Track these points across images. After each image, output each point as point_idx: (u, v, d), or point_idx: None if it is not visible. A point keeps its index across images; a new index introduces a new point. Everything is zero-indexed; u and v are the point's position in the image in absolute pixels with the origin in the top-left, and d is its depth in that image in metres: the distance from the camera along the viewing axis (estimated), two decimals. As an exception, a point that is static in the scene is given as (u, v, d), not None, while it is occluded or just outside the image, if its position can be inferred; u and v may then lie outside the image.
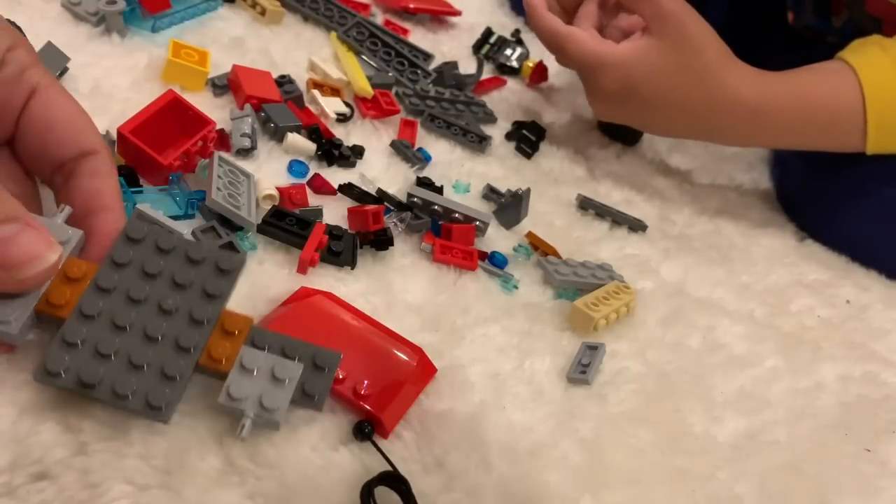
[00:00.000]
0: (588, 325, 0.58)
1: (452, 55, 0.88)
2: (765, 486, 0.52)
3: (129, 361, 0.41)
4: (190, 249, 0.46)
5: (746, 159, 0.93)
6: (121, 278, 0.44)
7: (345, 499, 0.43)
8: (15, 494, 0.38)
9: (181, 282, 0.44)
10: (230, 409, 0.42)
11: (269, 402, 0.42)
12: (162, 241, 0.45)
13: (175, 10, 0.73)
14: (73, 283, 0.43)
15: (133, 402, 0.40)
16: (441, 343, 0.54)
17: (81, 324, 0.42)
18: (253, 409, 0.42)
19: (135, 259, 0.45)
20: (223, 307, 0.45)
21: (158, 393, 0.41)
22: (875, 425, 0.60)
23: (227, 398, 0.42)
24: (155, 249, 0.45)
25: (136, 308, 0.43)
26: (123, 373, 0.41)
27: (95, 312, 0.42)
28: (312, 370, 0.45)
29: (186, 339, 0.43)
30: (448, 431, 0.49)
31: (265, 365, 0.43)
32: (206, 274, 0.45)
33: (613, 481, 0.49)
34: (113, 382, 0.40)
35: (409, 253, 0.61)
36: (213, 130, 0.59)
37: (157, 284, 0.44)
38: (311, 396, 0.44)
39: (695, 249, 0.74)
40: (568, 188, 0.76)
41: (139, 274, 0.44)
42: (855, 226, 0.79)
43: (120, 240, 0.45)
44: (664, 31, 0.71)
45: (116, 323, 0.42)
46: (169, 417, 0.41)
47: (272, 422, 0.42)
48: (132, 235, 0.45)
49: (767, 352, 0.63)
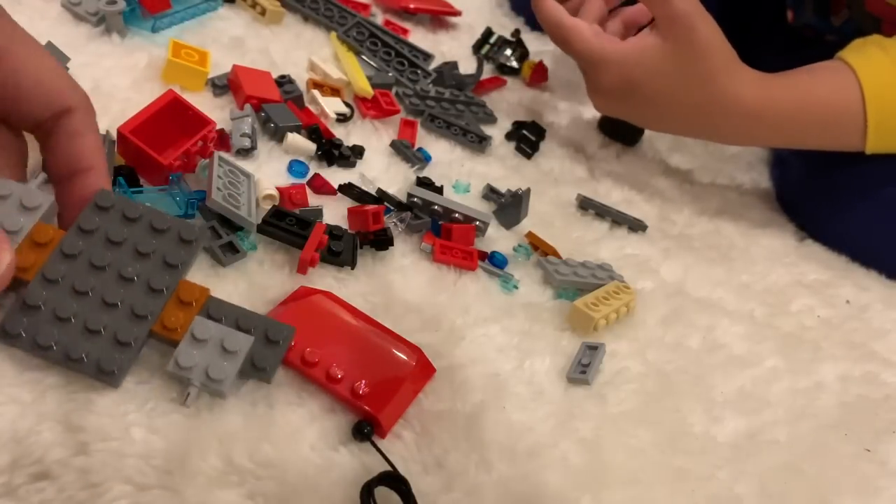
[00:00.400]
0: (588, 325, 0.58)
1: (452, 55, 0.88)
2: (765, 486, 0.52)
3: (84, 326, 0.43)
4: (154, 219, 0.47)
5: (746, 159, 0.93)
6: (86, 244, 0.45)
7: (345, 499, 0.43)
8: (15, 494, 0.38)
9: (143, 250, 0.46)
10: (178, 377, 0.43)
11: (215, 372, 0.43)
12: (129, 210, 0.47)
13: (175, 10, 0.73)
14: (39, 247, 0.44)
15: (86, 365, 0.42)
16: (441, 343, 0.54)
17: (43, 288, 0.43)
18: (199, 378, 0.43)
19: (101, 226, 0.46)
20: (182, 277, 0.46)
21: (110, 358, 0.42)
22: (875, 425, 0.59)
23: (175, 366, 0.43)
24: (121, 218, 0.47)
25: (97, 274, 0.45)
26: (78, 337, 0.42)
27: (58, 277, 0.43)
28: (265, 343, 0.46)
29: (142, 306, 0.44)
30: (448, 431, 0.49)
31: (216, 336, 0.45)
32: (168, 243, 0.47)
33: (613, 481, 0.49)
34: (67, 346, 0.42)
35: (409, 253, 0.61)
36: (213, 130, 0.59)
37: (120, 252, 0.46)
38: (262, 369, 0.45)
39: (695, 249, 0.74)
40: (568, 188, 0.76)
41: (103, 241, 0.46)
42: (855, 225, 0.79)
43: (89, 207, 0.46)
44: (672, 32, 0.70)
45: (77, 288, 0.43)
46: (119, 382, 0.42)
47: (218, 392, 0.43)
48: (101, 203, 0.46)
49: (767, 352, 0.63)
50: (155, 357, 0.45)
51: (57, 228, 0.45)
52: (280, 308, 0.51)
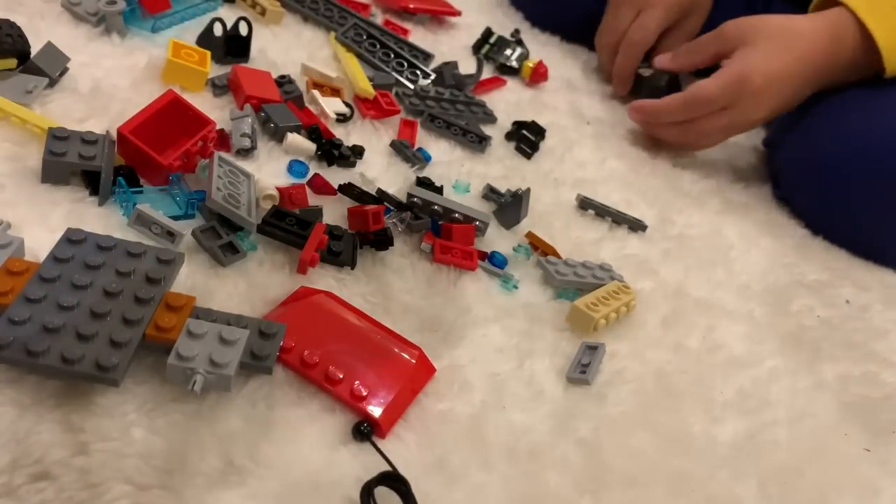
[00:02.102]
0: (588, 325, 0.58)
1: (452, 55, 0.88)
2: (765, 486, 0.52)
3: (76, 333, 0.43)
4: (130, 247, 0.48)
5: (746, 160, 0.93)
6: (63, 270, 0.46)
7: (345, 499, 0.43)
8: (15, 494, 0.38)
9: (124, 270, 0.47)
10: (179, 369, 0.43)
11: (219, 357, 0.43)
12: (102, 241, 0.48)
13: (175, 10, 0.73)
14: (15, 275, 0.45)
15: (83, 365, 0.41)
16: (441, 343, 0.54)
17: (27, 305, 0.43)
18: (203, 365, 0.43)
19: (76, 255, 0.47)
20: (166, 290, 0.47)
21: (108, 355, 0.42)
22: (875, 425, 0.60)
23: (176, 358, 0.43)
24: (96, 247, 0.48)
25: (80, 292, 0.45)
26: (72, 342, 0.42)
27: (40, 296, 0.44)
28: (259, 336, 0.47)
29: (133, 312, 0.44)
30: (448, 432, 0.49)
31: (212, 331, 0.45)
32: (148, 264, 0.48)
33: (613, 481, 0.49)
34: (62, 350, 0.42)
35: (409, 253, 0.61)
36: (213, 130, 0.59)
37: (101, 274, 0.46)
38: (262, 358, 0.46)
39: (695, 250, 0.74)
40: (568, 188, 0.76)
41: (81, 266, 0.46)
42: (865, 221, 0.78)
43: (60, 241, 0.47)
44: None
45: (62, 304, 0.44)
46: (120, 379, 0.42)
47: (224, 377, 0.43)
48: (72, 238, 0.47)
49: (767, 352, 0.63)
50: (153, 359, 0.45)
51: (30, 262, 0.46)
52: (280, 308, 0.51)
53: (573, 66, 0.99)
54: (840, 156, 0.78)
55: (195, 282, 0.51)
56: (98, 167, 0.53)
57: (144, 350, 0.45)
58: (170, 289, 0.48)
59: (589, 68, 1.00)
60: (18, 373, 0.42)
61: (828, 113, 0.81)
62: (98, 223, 0.52)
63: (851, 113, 0.79)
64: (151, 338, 0.44)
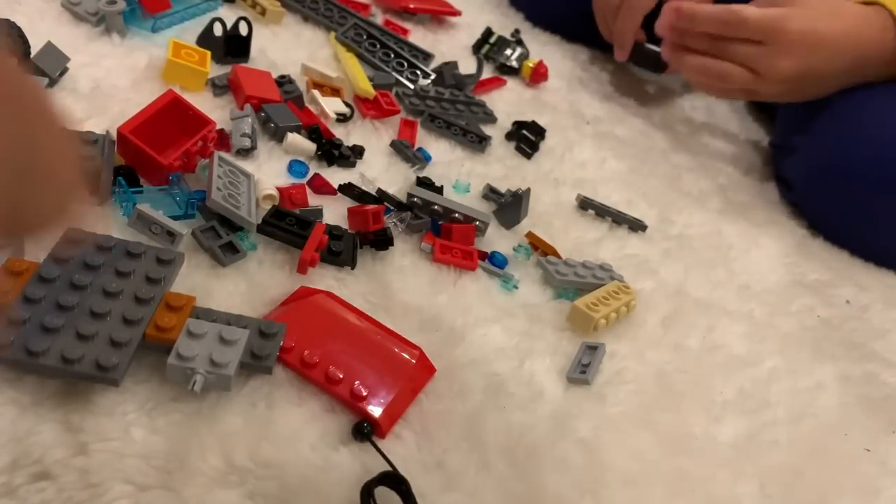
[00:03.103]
0: (588, 325, 0.58)
1: (452, 55, 0.88)
2: (765, 486, 0.52)
3: (76, 333, 0.43)
4: (130, 246, 0.48)
5: (747, 159, 0.93)
6: (63, 270, 0.46)
7: (345, 499, 0.43)
8: (15, 494, 0.38)
9: (124, 270, 0.47)
10: (179, 369, 0.43)
11: (219, 357, 0.43)
12: (102, 241, 0.48)
13: (175, 10, 0.73)
14: (15, 275, 0.45)
15: (83, 365, 0.42)
16: (441, 343, 0.54)
17: (26, 305, 0.43)
18: (203, 365, 0.43)
19: (76, 255, 0.47)
20: (166, 290, 0.47)
21: (108, 355, 0.42)
22: (875, 425, 0.60)
23: (176, 358, 0.43)
24: (96, 248, 0.48)
25: (80, 292, 0.45)
26: (72, 342, 0.42)
27: (40, 296, 0.44)
28: (259, 336, 0.47)
29: (133, 312, 0.44)
30: (448, 432, 0.49)
31: (212, 331, 0.45)
32: (147, 264, 0.48)
33: (613, 481, 0.49)
34: (62, 350, 0.41)
35: (409, 253, 0.61)
36: (213, 130, 0.59)
37: (100, 274, 0.46)
38: (261, 358, 0.46)
39: (695, 250, 0.74)
40: (568, 188, 0.76)
41: (81, 266, 0.46)
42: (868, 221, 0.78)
43: (60, 241, 0.47)
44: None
45: (61, 304, 0.44)
46: (120, 379, 0.42)
47: (224, 377, 0.43)
48: (72, 238, 0.47)
49: (767, 352, 0.63)
50: (153, 358, 0.45)
51: (31, 261, 0.46)
52: (280, 308, 0.51)
53: (573, 66, 0.99)
54: (870, 162, 0.76)
55: (195, 282, 0.51)
56: (98, 167, 0.53)
57: (144, 350, 0.45)
58: (170, 289, 0.48)
59: (589, 68, 1.00)
60: (18, 373, 0.42)
61: (856, 117, 0.79)
62: (98, 223, 0.52)
63: (883, 117, 0.78)
64: (151, 338, 0.44)
